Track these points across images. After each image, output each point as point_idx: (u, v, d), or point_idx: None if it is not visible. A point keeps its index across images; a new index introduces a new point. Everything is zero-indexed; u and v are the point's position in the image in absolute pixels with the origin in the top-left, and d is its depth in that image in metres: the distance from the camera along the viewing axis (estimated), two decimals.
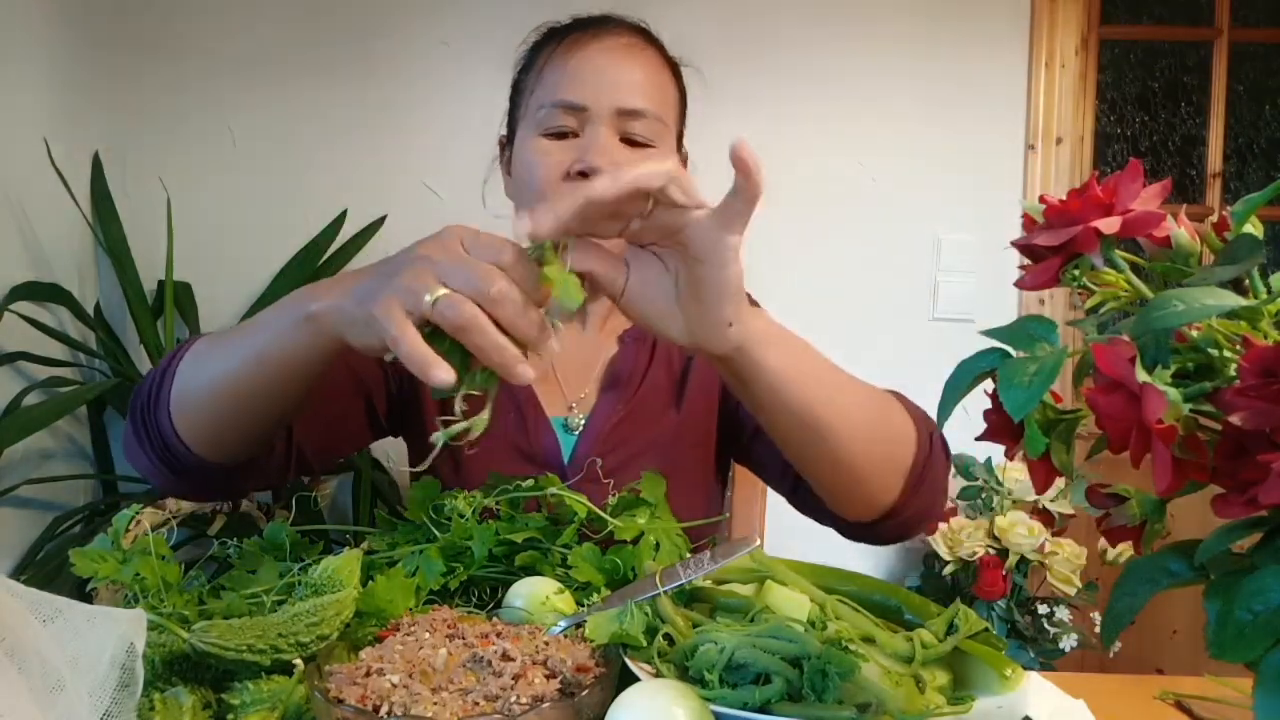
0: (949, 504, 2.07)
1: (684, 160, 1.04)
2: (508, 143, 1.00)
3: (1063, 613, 1.95)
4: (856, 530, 0.81)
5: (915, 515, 0.78)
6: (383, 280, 0.54)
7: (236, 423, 0.72)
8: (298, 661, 0.55)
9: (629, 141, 0.91)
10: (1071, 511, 2.00)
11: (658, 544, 0.73)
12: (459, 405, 0.52)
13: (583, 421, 0.99)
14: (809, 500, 0.86)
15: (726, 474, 1.10)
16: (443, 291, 0.51)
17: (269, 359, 0.66)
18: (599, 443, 0.96)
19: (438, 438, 0.52)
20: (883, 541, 0.82)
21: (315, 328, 0.62)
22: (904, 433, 0.75)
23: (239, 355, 0.68)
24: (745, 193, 0.53)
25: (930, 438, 0.77)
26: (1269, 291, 0.40)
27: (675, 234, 0.56)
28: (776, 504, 1.04)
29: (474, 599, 0.74)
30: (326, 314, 0.61)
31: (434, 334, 0.52)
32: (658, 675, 0.57)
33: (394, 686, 0.52)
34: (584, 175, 0.87)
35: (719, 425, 1.02)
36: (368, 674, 0.53)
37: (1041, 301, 2.23)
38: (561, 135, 0.91)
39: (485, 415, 0.53)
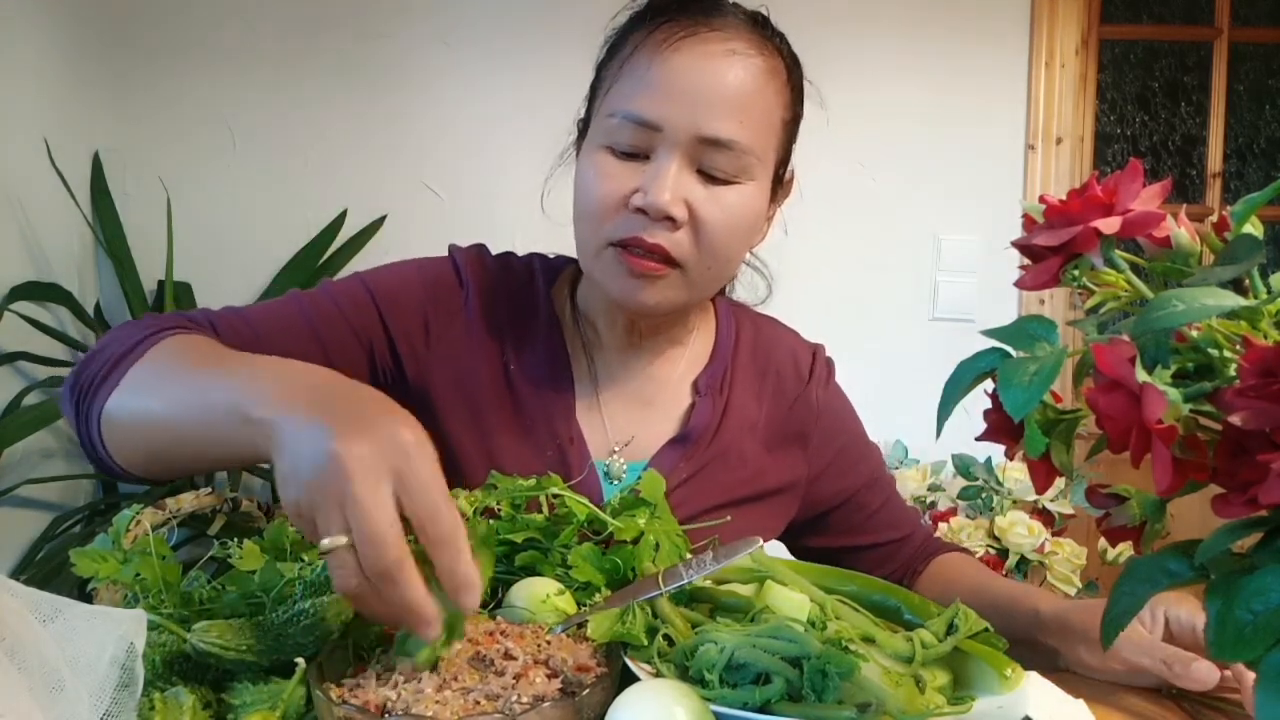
0: (949, 504, 2.07)
1: (788, 183, 0.91)
2: (580, 136, 0.87)
3: None
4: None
5: None
6: (309, 480, 0.49)
7: (165, 462, 0.69)
8: (299, 661, 0.55)
9: (706, 175, 0.78)
10: (1071, 511, 2.00)
11: (658, 544, 0.73)
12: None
13: (626, 470, 0.89)
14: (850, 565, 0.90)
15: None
16: (341, 542, 0.48)
17: (190, 434, 0.63)
18: None
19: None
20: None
21: (248, 434, 0.56)
22: None
23: (171, 407, 0.64)
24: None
25: None
26: (1269, 291, 0.40)
27: None
28: None
29: None
30: (262, 435, 0.54)
31: None
32: (658, 675, 0.57)
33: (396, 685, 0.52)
34: (642, 211, 0.77)
35: (801, 516, 0.98)
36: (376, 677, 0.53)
37: (1041, 301, 2.23)
38: (631, 155, 0.78)
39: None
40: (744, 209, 0.80)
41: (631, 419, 0.91)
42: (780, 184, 0.89)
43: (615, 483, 0.88)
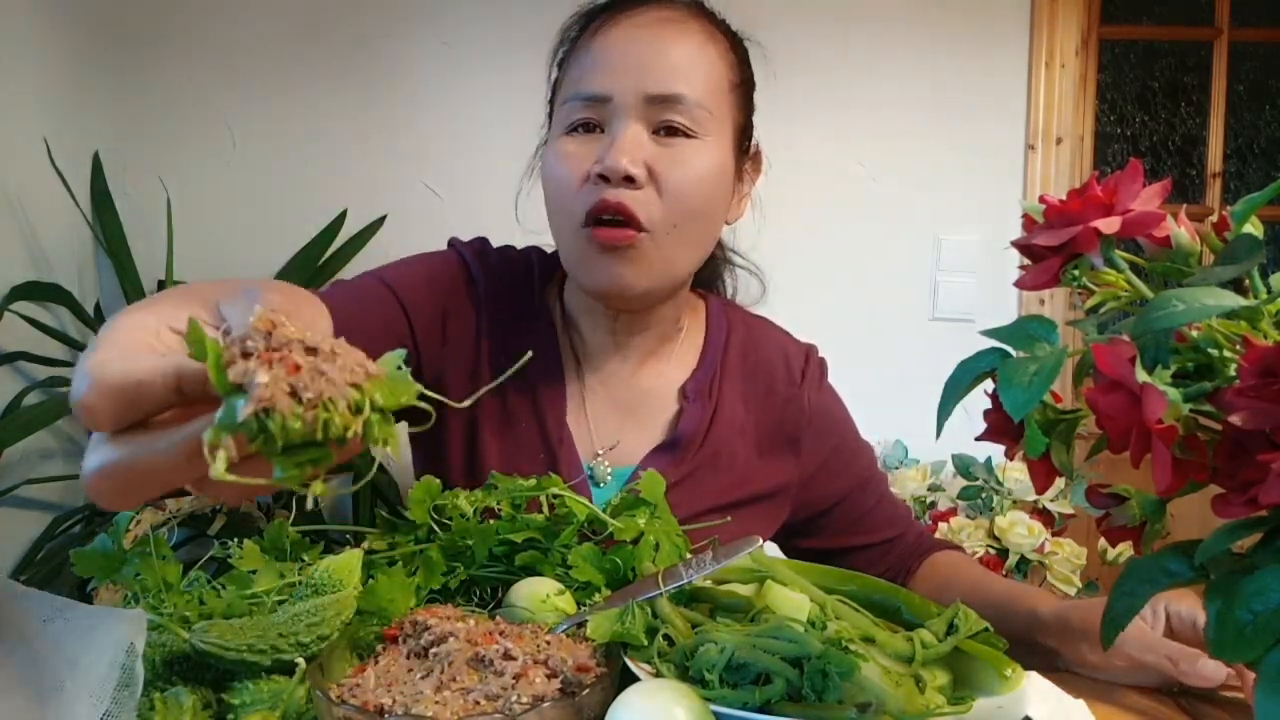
0: (949, 504, 2.07)
1: (755, 156, 0.90)
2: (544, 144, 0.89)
3: None
4: None
5: None
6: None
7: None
8: (300, 661, 0.55)
9: (667, 130, 0.78)
10: (1071, 511, 2.00)
11: (658, 544, 0.73)
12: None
13: (611, 474, 0.88)
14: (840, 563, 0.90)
15: None
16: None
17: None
18: None
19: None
20: None
21: None
22: None
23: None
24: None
25: None
26: (1269, 291, 0.40)
27: None
28: None
29: (474, 599, 0.74)
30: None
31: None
32: (658, 675, 0.57)
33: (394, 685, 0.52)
34: (604, 179, 0.77)
35: (794, 518, 0.97)
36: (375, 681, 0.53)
37: (1041, 301, 2.23)
38: (588, 130, 0.79)
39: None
40: (704, 164, 0.80)
41: (618, 424, 0.90)
42: (747, 156, 0.89)
43: (600, 486, 0.88)
